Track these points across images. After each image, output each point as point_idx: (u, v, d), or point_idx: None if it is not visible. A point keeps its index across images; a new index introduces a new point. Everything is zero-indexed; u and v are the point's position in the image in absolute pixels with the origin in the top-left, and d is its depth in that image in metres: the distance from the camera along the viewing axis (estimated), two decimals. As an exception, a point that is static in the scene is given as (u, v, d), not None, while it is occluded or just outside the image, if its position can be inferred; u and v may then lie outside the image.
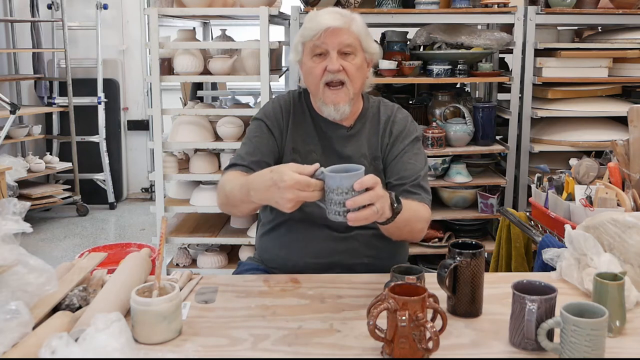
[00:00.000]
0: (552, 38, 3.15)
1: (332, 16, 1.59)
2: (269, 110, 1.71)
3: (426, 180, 1.66)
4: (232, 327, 1.28)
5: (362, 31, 1.62)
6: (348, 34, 1.58)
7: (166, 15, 3.08)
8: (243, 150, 1.66)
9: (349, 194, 1.23)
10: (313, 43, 1.59)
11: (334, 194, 1.24)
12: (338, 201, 1.24)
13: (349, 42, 1.58)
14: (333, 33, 1.57)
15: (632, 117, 2.07)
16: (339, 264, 1.62)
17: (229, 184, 1.53)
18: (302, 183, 1.26)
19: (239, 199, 1.47)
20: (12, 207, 1.24)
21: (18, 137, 4.67)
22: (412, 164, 1.65)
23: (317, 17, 1.60)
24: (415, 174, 1.63)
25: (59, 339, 1.01)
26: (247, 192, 1.40)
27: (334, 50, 1.58)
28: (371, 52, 1.66)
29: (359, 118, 1.71)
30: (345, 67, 1.58)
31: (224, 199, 1.56)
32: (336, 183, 1.24)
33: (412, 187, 1.61)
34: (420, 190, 1.61)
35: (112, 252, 2.80)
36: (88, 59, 5.11)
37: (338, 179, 1.24)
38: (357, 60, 1.61)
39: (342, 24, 1.58)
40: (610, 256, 1.41)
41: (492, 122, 3.06)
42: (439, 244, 3.06)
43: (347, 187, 1.23)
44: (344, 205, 1.23)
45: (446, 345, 1.18)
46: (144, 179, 5.43)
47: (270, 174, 1.32)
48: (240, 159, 1.63)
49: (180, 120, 3.18)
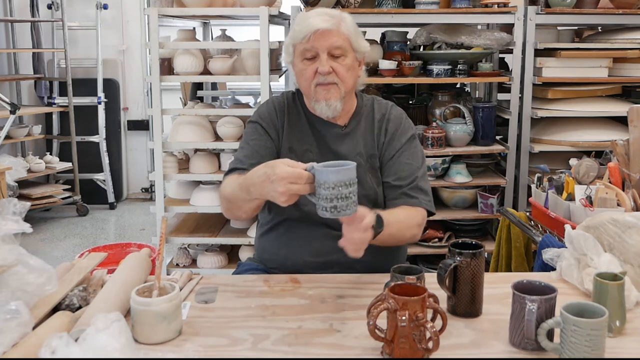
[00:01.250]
0: (552, 38, 3.15)
1: (320, 18, 1.59)
2: (263, 112, 1.72)
3: (424, 180, 1.66)
4: (232, 327, 1.28)
5: (352, 31, 1.62)
6: (337, 35, 1.59)
7: (166, 15, 3.08)
8: (241, 154, 1.66)
9: (335, 189, 1.23)
10: (303, 46, 1.60)
11: (321, 188, 1.25)
12: (325, 196, 1.24)
13: (338, 44, 1.59)
14: (322, 35, 1.57)
15: (632, 117, 2.07)
16: (337, 262, 1.62)
17: (229, 187, 1.54)
18: (293, 176, 1.27)
19: (241, 198, 1.48)
20: (12, 207, 1.24)
21: (18, 137, 4.67)
22: (409, 164, 1.65)
23: (306, 20, 1.60)
24: (413, 174, 1.63)
25: (59, 339, 1.01)
26: (247, 190, 1.41)
27: (323, 52, 1.58)
28: (362, 51, 1.66)
29: (353, 116, 1.72)
30: (335, 69, 1.59)
31: (227, 203, 1.57)
32: (323, 177, 1.24)
33: (410, 190, 1.62)
34: (418, 193, 1.62)
35: (112, 252, 2.80)
36: (88, 59, 5.11)
37: (325, 173, 1.24)
38: (347, 61, 1.61)
39: (331, 25, 1.58)
40: (610, 256, 1.41)
41: (492, 122, 3.06)
42: (439, 244, 3.06)
43: (334, 182, 1.23)
44: (330, 200, 1.24)
45: (446, 345, 1.18)
46: (144, 179, 5.43)
47: (264, 169, 1.34)
48: (240, 163, 1.63)
49: (180, 120, 3.18)
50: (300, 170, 1.28)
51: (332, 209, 1.24)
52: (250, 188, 1.39)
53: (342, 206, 1.24)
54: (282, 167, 1.29)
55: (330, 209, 1.24)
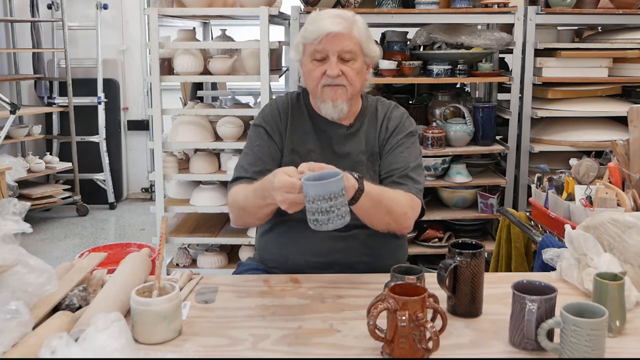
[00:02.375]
0: (552, 38, 3.15)
1: (333, 20, 1.58)
2: (267, 115, 1.72)
3: (417, 173, 1.64)
4: (232, 327, 1.28)
5: (363, 35, 1.62)
6: (349, 39, 1.59)
7: (166, 15, 3.08)
8: (245, 161, 1.67)
9: (315, 203, 1.23)
10: (314, 47, 1.60)
11: (305, 200, 1.26)
12: (308, 209, 1.25)
13: (349, 49, 1.59)
14: (334, 38, 1.57)
15: (632, 117, 2.07)
16: (338, 263, 1.63)
17: (241, 194, 1.55)
18: (286, 185, 1.30)
19: (256, 205, 1.49)
20: (12, 207, 1.24)
21: (18, 137, 4.67)
22: (404, 157, 1.65)
23: (319, 21, 1.60)
24: (405, 166, 1.63)
25: (59, 339, 1.01)
26: (262, 195, 1.43)
27: (334, 55, 1.58)
28: (372, 55, 1.66)
29: (358, 117, 1.72)
30: (344, 72, 1.60)
31: (240, 211, 1.57)
32: (305, 190, 1.25)
33: (399, 178, 1.61)
34: (407, 181, 1.61)
35: (112, 252, 2.79)
36: (88, 59, 5.11)
37: (305, 186, 1.25)
38: (356, 65, 1.61)
39: (343, 29, 1.58)
40: (610, 256, 1.41)
41: (492, 122, 3.06)
42: (439, 244, 3.06)
43: (312, 196, 1.23)
44: (312, 213, 1.24)
45: (446, 345, 1.18)
46: (144, 179, 5.43)
47: (271, 176, 1.37)
48: (244, 171, 1.64)
49: (180, 120, 3.18)
50: (294, 180, 1.30)
51: (314, 222, 1.26)
52: (264, 192, 1.42)
53: (323, 220, 1.25)
54: (280, 176, 1.32)
55: (313, 222, 1.26)
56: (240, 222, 1.63)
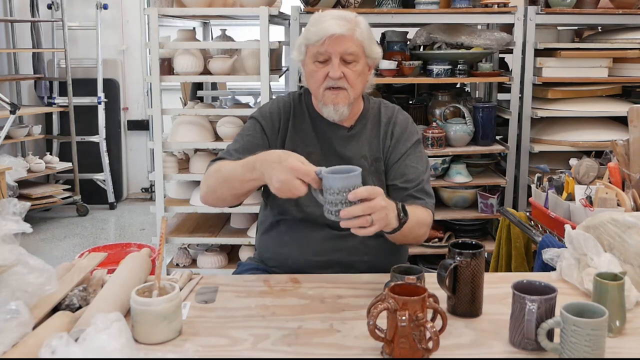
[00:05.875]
0: (552, 38, 3.15)
1: (336, 22, 1.58)
2: (265, 111, 1.72)
3: (429, 184, 1.68)
4: (232, 327, 1.28)
5: (366, 37, 1.62)
6: (352, 41, 1.58)
7: (166, 15, 3.08)
8: (233, 147, 1.67)
9: (340, 195, 1.28)
10: (316, 49, 1.59)
11: (327, 193, 1.29)
12: (330, 201, 1.29)
13: (351, 51, 1.59)
14: (337, 40, 1.57)
15: (632, 117, 2.07)
16: (338, 262, 1.63)
17: (228, 166, 1.52)
18: (300, 171, 1.30)
19: (241, 177, 1.46)
20: (12, 207, 1.24)
21: (18, 137, 4.67)
22: (415, 168, 1.66)
23: (322, 22, 1.59)
24: (419, 177, 1.65)
25: (59, 339, 1.01)
26: (252, 166, 1.42)
27: (336, 57, 1.58)
28: (374, 57, 1.66)
29: (360, 119, 1.72)
30: (346, 74, 1.59)
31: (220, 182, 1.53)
32: (329, 183, 1.29)
33: (417, 192, 1.63)
34: (424, 195, 1.64)
35: (112, 252, 2.80)
36: (88, 59, 5.11)
37: (331, 179, 1.28)
38: (358, 67, 1.61)
39: (346, 30, 1.57)
40: (610, 256, 1.41)
41: (492, 122, 3.06)
42: (439, 244, 3.06)
43: (338, 188, 1.28)
44: (335, 205, 1.29)
45: (446, 345, 1.18)
46: (144, 179, 5.43)
47: (279, 152, 1.38)
48: (229, 155, 1.63)
49: (180, 120, 3.18)
50: (309, 169, 1.31)
51: (337, 212, 1.29)
52: (257, 163, 1.40)
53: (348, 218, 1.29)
54: (295, 157, 1.33)
55: (335, 213, 1.29)
56: (213, 196, 1.58)
